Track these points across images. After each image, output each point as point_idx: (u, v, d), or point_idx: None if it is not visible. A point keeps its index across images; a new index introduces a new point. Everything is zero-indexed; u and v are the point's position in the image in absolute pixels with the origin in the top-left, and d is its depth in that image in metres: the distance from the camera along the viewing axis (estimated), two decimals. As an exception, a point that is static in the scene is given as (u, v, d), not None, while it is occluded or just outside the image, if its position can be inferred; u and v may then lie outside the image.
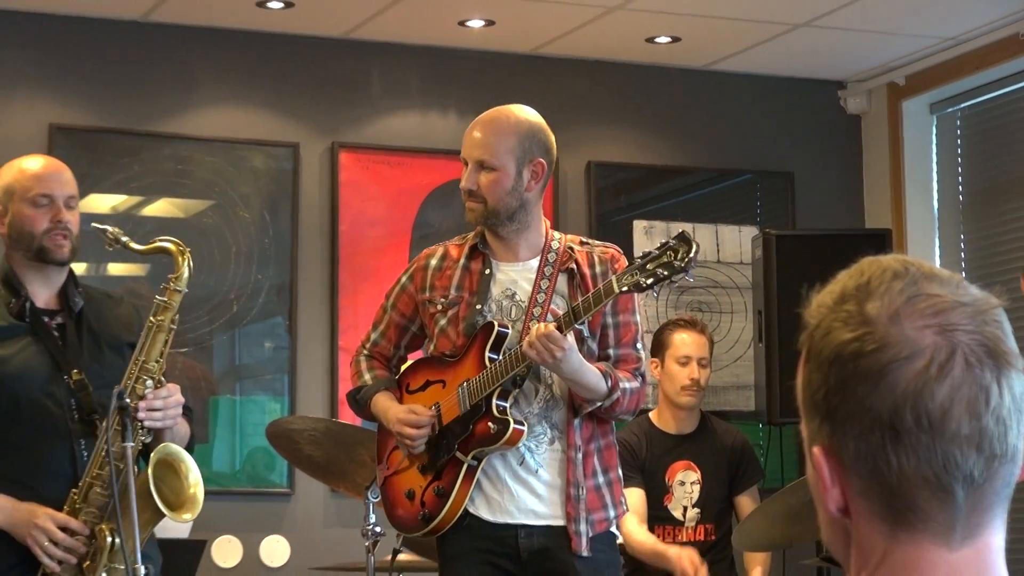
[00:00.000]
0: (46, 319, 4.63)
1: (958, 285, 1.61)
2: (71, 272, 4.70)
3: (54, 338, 4.60)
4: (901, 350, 1.57)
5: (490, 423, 4.60)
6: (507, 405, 4.61)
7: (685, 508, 6.48)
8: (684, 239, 4.45)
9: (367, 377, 4.86)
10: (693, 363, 6.52)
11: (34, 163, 4.72)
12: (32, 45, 7.44)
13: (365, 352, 4.92)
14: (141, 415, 4.38)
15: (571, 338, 4.47)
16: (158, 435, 4.53)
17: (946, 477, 1.56)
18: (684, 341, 6.57)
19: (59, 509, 4.44)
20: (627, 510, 4.88)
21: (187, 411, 4.71)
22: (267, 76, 7.78)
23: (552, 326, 4.43)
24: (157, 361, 4.49)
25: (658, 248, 4.46)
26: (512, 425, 4.57)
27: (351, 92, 7.89)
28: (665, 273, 4.42)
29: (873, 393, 1.56)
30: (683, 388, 6.51)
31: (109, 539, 4.38)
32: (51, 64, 7.46)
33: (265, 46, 7.76)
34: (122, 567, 4.35)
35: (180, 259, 4.53)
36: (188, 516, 4.48)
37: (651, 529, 6.44)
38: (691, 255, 4.41)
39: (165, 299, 4.51)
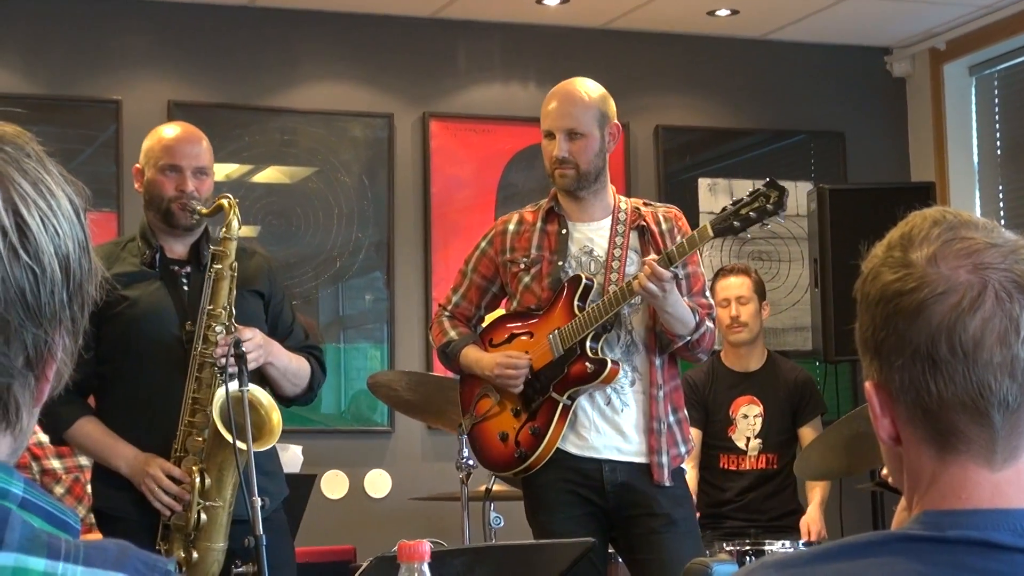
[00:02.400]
0: (175, 268, 4.57)
1: (992, 230, 1.61)
2: (206, 229, 4.63)
3: (180, 285, 4.55)
4: (937, 287, 1.57)
5: (587, 364, 4.56)
6: (599, 347, 4.60)
7: (748, 439, 6.49)
8: (774, 185, 4.43)
9: (452, 334, 4.83)
10: (733, 303, 6.56)
11: (169, 132, 4.62)
12: (153, 30, 7.45)
13: (447, 313, 4.89)
14: (221, 361, 4.25)
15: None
16: (263, 372, 4.49)
17: (982, 402, 1.56)
18: (722, 286, 6.64)
19: (170, 437, 4.40)
20: (694, 446, 4.87)
21: (312, 350, 4.69)
22: (363, 53, 7.77)
23: (657, 264, 4.40)
24: (225, 308, 4.39)
25: (749, 195, 4.44)
26: (609, 364, 4.56)
27: (440, 66, 7.88)
28: (755, 216, 4.41)
29: (912, 327, 1.57)
30: (727, 327, 6.57)
31: (198, 479, 4.33)
32: (169, 47, 7.48)
33: (361, 26, 7.74)
34: (217, 504, 4.35)
35: (229, 212, 4.43)
36: (269, 445, 4.33)
37: (716, 458, 6.48)
38: (783, 198, 4.41)
39: (221, 248, 4.44)
